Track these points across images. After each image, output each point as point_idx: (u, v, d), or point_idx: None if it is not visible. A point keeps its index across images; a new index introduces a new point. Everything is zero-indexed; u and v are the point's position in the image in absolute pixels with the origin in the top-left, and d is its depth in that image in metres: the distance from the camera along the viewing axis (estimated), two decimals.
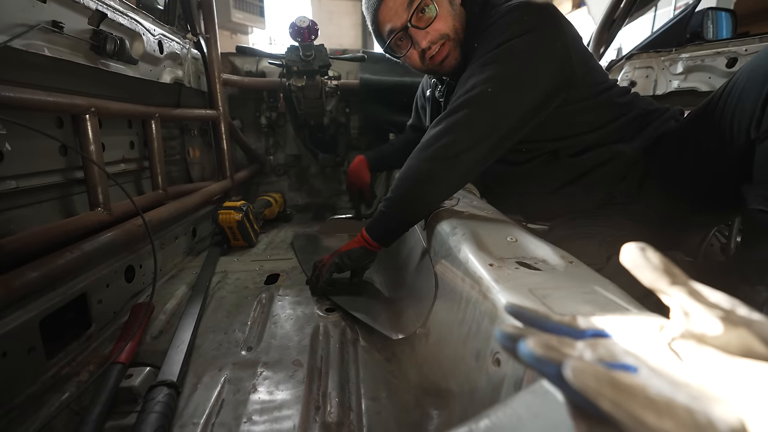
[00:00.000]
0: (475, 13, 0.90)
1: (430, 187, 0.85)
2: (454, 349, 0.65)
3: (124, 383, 0.66)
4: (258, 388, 0.70)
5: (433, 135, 0.83)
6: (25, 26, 0.72)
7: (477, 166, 0.84)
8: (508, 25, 0.80)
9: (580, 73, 0.84)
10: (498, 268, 0.59)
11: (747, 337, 0.25)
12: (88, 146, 0.88)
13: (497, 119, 0.80)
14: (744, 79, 0.70)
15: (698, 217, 0.90)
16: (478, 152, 0.81)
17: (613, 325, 0.30)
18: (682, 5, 4.60)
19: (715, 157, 0.78)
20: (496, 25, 0.82)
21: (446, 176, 0.84)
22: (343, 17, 8.02)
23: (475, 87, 0.80)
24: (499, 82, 0.79)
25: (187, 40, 1.44)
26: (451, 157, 0.81)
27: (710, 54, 1.47)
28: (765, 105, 0.65)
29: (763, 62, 0.68)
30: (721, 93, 0.76)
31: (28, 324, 0.66)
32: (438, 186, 0.86)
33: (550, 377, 0.24)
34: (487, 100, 0.79)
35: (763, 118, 0.66)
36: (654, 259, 0.29)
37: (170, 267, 1.21)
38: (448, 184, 0.87)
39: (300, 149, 2.01)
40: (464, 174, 0.86)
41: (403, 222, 0.92)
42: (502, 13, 0.83)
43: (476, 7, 0.89)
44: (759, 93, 0.66)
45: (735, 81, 0.73)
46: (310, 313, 0.95)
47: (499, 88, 0.79)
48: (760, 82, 0.67)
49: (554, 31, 0.80)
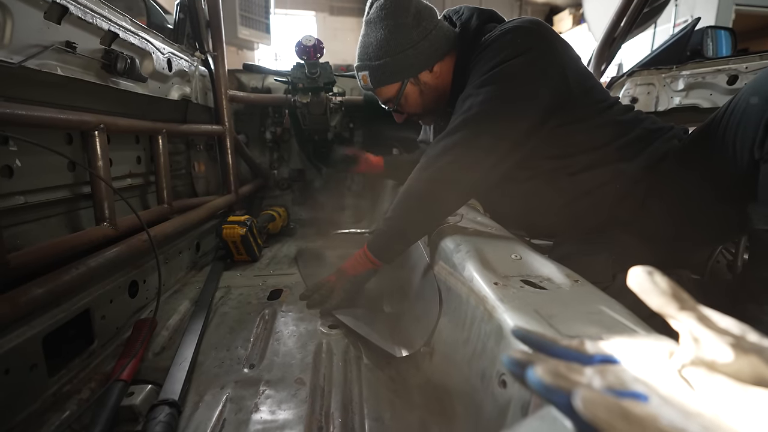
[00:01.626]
0: (468, 39, 0.95)
1: (431, 206, 0.88)
2: (459, 368, 0.64)
3: (126, 402, 0.65)
4: (260, 408, 0.69)
5: (432, 155, 0.86)
6: (40, 47, 0.74)
7: (477, 186, 0.87)
8: (501, 48, 0.83)
9: (576, 92, 0.85)
10: (503, 286, 0.59)
11: (758, 364, 0.24)
12: (96, 162, 0.89)
13: (495, 139, 0.82)
14: (746, 100, 0.71)
15: (704, 236, 0.89)
16: (477, 172, 0.84)
17: (622, 350, 0.30)
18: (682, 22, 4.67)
19: (718, 177, 0.78)
20: (490, 48, 0.85)
21: (446, 195, 0.87)
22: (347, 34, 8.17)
23: (472, 108, 0.82)
24: (495, 102, 0.81)
25: (195, 58, 1.47)
26: (451, 178, 0.83)
27: (711, 71, 1.49)
28: (767, 126, 0.66)
29: (764, 82, 0.68)
30: (724, 113, 0.76)
31: (32, 341, 0.66)
32: (439, 205, 0.89)
33: (559, 406, 0.24)
34: (485, 120, 0.81)
35: (766, 138, 0.66)
36: (662, 284, 0.28)
37: (173, 282, 1.21)
38: (448, 203, 0.90)
39: (304, 164, 2.03)
40: (464, 193, 0.89)
41: (405, 240, 0.93)
42: (495, 36, 0.86)
43: (468, 34, 0.95)
44: (762, 113, 0.67)
45: (737, 101, 0.74)
46: (313, 329, 0.94)
47: (496, 108, 0.81)
48: (762, 102, 0.67)
49: (548, 52, 0.83)
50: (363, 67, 1.00)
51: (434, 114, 1.10)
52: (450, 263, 0.79)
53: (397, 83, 0.99)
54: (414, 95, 1.01)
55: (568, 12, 7.83)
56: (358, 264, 0.96)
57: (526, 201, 0.96)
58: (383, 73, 0.97)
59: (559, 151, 0.90)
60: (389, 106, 1.06)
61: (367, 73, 1.00)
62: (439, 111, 1.08)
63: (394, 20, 0.92)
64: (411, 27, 0.93)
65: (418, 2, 0.96)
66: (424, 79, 0.99)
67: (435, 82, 1.00)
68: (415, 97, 1.02)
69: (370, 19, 0.96)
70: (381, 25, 0.93)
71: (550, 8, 8.60)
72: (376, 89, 1.02)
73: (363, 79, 1.02)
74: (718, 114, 0.78)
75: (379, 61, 0.96)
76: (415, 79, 0.99)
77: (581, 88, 0.87)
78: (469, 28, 0.97)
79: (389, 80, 0.98)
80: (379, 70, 0.97)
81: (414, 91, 1.00)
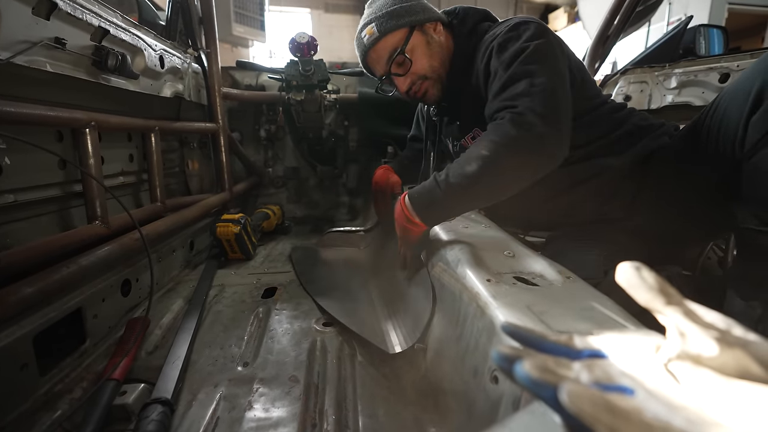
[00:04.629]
0: (463, 34, 0.96)
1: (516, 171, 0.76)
2: (452, 365, 0.64)
3: (118, 401, 0.65)
4: (254, 405, 0.69)
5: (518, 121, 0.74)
6: (28, 43, 0.73)
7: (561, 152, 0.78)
8: (522, 34, 0.83)
9: (578, 79, 0.87)
10: (495, 283, 0.59)
11: (743, 358, 0.25)
12: (87, 160, 0.88)
13: (565, 107, 0.77)
14: (727, 99, 0.72)
15: (694, 233, 0.90)
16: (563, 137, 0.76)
17: (610, 345, 0.30)
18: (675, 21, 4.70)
19: (704, 175, 0.79)
20: (510, 36, 0.84)
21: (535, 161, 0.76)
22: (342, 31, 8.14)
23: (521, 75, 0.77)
24: (540, 65, 0.78)
25: (188, 55, 1.46)
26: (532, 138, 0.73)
27: (703, 69, 1.50)
28: (747, 124, 0.66)
29: (744, 82, 0.69)
30: (707, 112, 0.77)
31: (22, 340, 0.66)
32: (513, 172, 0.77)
33: (546, 400, 0.24)
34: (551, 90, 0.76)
35: (746, 137, 0.67)
36: (649, 279, 0.29)
37: (167, 280, 1.20)
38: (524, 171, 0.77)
39: (299, 161, 2.02)
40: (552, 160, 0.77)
41: (455, 209, 0.83)
42: (509, 27, 0.86)
43: (464, 30, 0.96)
44: (740, 113, 0.68)
45: (719, 100, 0.75)
46: (307, 327, 0.94)
47: (553, 81, 0.77)
48: (741, 101, 0.68)
49: (554, 42, 0.84)
50: (370, 20, 0.97)
51: (440, 86, 1.02)
52: (443, 260, 0.79)
53: (405, 29, 0.95)
54: (422, 45, 0.96)
55: (563, 10, 7.86)
56: (410, 230, 0.84)
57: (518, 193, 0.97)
58: (391, 17, 0.94)
59: None
60: (392, 63, 0.97)
61: (373, 24, 0.96)
62: (443, 86, 1.02)
63: None
64: None
65: None
66: (431, 31, 0.97)
67: (440, 39, 0.98)
68: (423, 47, 0.96)
69: None
70: None
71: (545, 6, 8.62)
72: (382, 38, 0.96)
73: (368, 32, 0.97)
74: (703, 113, 0.79)
75: (388, 9, 0.95)
76: (421, 28, 0.96)
77: (578, 81, 0.88)
78: (465, 24, 0.99)
79: (398, 24, 0.95)
80: (386, 16, 0.95)
81: (421, 40, 0.96)
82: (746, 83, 0.68)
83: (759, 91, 0.65)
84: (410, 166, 1.36)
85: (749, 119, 0.66)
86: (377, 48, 0.98)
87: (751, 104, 0.66)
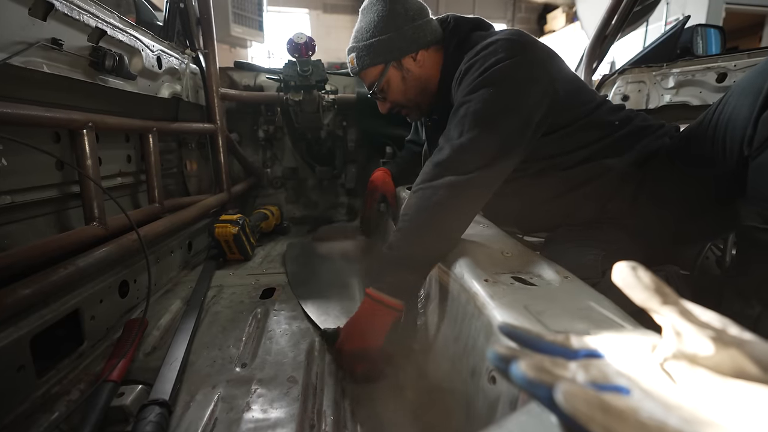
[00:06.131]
0: (450, 49, 0.98)
1: (447, 215, 0.76)
2: (450, 365, 0.64)
3: (115, 402, 0.65)
4: (252, 406, 0.69)
5: (438, 161, 0.79)
6: (25, 44, 0.73)
7: (492, 185, 0.80)
8: (486, 57, 0.83)
9: (564, 96, 0.85)
10: (493, 283, 0.59)
11: (739, 357, 0.25)
12: (84, 161, 0.88)
13: (502, 139, 0.78)
14: (735, 97, 0.71)
15: (693, 232, 0.90)
16: (491, 170, 0.78)
17: (607, 345, 0.30)
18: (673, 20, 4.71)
19: (706, 175, 0.79)
20: (479, 56, 0.84)
21: (463, 201, 0.77)
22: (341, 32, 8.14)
23: (472, 113, 0.79)
24: (494, 101, 0.79)
25: (185, 56, 1.46)
26: (464, 181, 0.75)
27: (700, 69, 1.50)
28: (756, 122, 0.66)
29: (753, 80, 0.69)
30: (714, 111, 0.77)
31: (19, 342, 0.65)
32: (456, 213, 0.78)
33: (542, 400, 0.24)
34: (487, 120, 0.78)
35: (755, 135, 0.66)
36: (645, 279, 0.29)
37: (165, 281, 1.20)
38: (466, 210, 0.79)
39: (297, 162, 2.02)
40: (481, 195, 0.80)
41: (420, 266, 0.78)
42: (479, 48, 0.86)
43: (452, 44, 0.98)
44: (750, 111, 0.67)
45: (727, 99, 0.74)
46: (305, 327, 0.94)
47: (497, 108, 0.79)
48: (750, 99, 0.68)
49: (533, 60, 0.83)
50: (352, 49, 1.03)
51: (419, 110, 1.09)
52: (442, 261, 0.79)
53: (380, 65, 1.00)
54: (396, 81, 1.02)
55: (561, 10, 7.88)
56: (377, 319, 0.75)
57: (517, 196, 0.96)
58: (368, 53, 0.99)
59: (550, 151, 0.90)
60: (373, 91, 1.05)
61: (354, 55, 1.02)
62: (424, 109, 1.08)
63: (384, 6, 0.97)
64: (399, 14, 0.96)
65: None
66: (408, 65, 1.00)
67: (418, 71, 1.01)
68: (398, 82, 1.02)
69: (363, 6, 1.01)
70: (372, 10, 0.98)
71: (543, 6, 8.64)
72: (361, 71, 1.03)
73: (351, 62, 1.04)
74: (708, 112, 0.79)
75: (366, 42, 0.99)
76: (397, 63, 1.00)
77: (568, 92, 0.87)
78: (455, 34, 0.99)
79: (373, 61, 1.00)
80: (364, 50, 0.99)
81: (396, 76, 1.01)
82: (757, 80, 0.68)
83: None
84: (408, 169, 1.37)
85: (760, 116, 0.66)
86: (360, 75, 1.06)
87: (763, 101, 0.65)
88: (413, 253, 0.75)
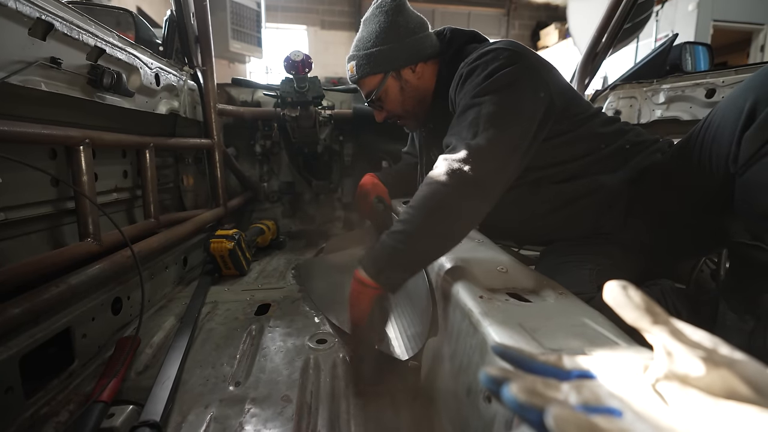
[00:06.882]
0: (446, 60, 1.00)
1: (455, 216, 0.74)
2: (445, 383, 0.63)
3: (105, 423, 0.64)
4: (245, 427, 0.67)
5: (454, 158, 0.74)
6: (24, 63, 0.74)
7: (501, 189, 0.78)
8: (487, 63, 0.84)
9: (558, 103, 0.87)
10: (488, 300, 0.59)
11: (729, 377, 0.25)
12: (80, 177, 0.88)
13: (516, 143, 0.77)
14: (720, 116, 0.73)
15: (687, 247, 0.90)
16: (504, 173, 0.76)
17: (599, 364, 0.30)
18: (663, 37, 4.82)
19: (698, 191, 0.79)
20: (481, 60, 0.85)
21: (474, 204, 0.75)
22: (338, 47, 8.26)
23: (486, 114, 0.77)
24: (507, 105, 0.78)
25: (184, 72, 1.48)
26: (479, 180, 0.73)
27: (690, 85, 1.53)
28: (740, 141, 0.67)
29: (737, 98, 0.70)
30: (700, 128, 0.78)
31: (8, 363, 0.64)
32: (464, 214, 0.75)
33: (533, 424, 0.24)
34: (502, 123, 0.76)
35: (739, 153, 0.67)
36: (635, 298, 0.29)
37: (159, 297, 1.19)
38: (474, 212, 0.76)
39: (294, 176, 2.03)
40: (491, 197, 0.77)
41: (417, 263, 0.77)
42: (477, 56, 0.86)
43: (448, 55, 1.00)
44: (733, 129, 0.68)
45: (712, 117, 0.75)
46: (300, 345, 0.93)
47: (510, 111, 0.78)
48: (734, 117, 0.69)
49: (529, 67, 0.84)
50: (352, 57, 1.05)
51: (416, 120, 1.11)
52: (437, 276, 0.79)
53: (379, 75, 1.02)
54: (394, 91, 1.04)
55: (554, 26, 8.04)
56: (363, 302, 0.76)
57: (511, 209, 0.97)
58: (367, 63, 1.01)
59: (543, 161, 0.91)
60: (370, 100, 1.07)
61: (354, 63, 1.03)
62: (421, 119, 1.10)
63: (386, 17, 0.99)
64: (401, 26, 0.99)
65: (413, 10, 1.03)
66: (406, 76, 1.02)
67: (416, 82, 1.03)
68: (395, 93, 1.04)
69: (366, 17, 1.03)
70: (374, 20, 1.00)
71: (536, 23, 8.82)
72: (360, 80, 1.05)
73: (350, 69, 1.06)
74: (695, 129, 0.80)
75: (366, 51, 1.01)
76: (396, 73, 1.02)
77: (562, 102, 0.89)
78: (452, 45, 1.01)
79: (373, 70, 1.01)
80: (364, 59, 1.01)
81: (395, 86, 1.03)
82: (739, 99, 0.69)
83: (752, 107, 0.66)
84: (398, 178, 1.37)
85: (742, 135, 0.67)
86: (358, 83, 1.07)
87: (744, 120, 0.67)
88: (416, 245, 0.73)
